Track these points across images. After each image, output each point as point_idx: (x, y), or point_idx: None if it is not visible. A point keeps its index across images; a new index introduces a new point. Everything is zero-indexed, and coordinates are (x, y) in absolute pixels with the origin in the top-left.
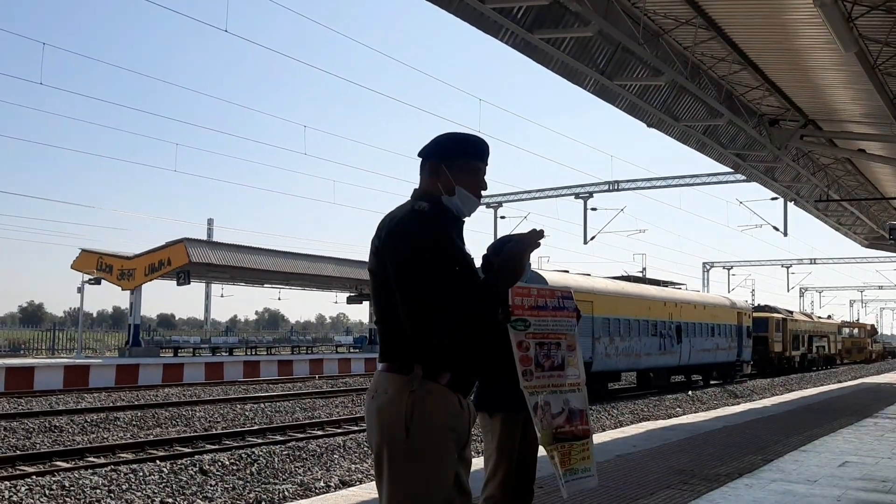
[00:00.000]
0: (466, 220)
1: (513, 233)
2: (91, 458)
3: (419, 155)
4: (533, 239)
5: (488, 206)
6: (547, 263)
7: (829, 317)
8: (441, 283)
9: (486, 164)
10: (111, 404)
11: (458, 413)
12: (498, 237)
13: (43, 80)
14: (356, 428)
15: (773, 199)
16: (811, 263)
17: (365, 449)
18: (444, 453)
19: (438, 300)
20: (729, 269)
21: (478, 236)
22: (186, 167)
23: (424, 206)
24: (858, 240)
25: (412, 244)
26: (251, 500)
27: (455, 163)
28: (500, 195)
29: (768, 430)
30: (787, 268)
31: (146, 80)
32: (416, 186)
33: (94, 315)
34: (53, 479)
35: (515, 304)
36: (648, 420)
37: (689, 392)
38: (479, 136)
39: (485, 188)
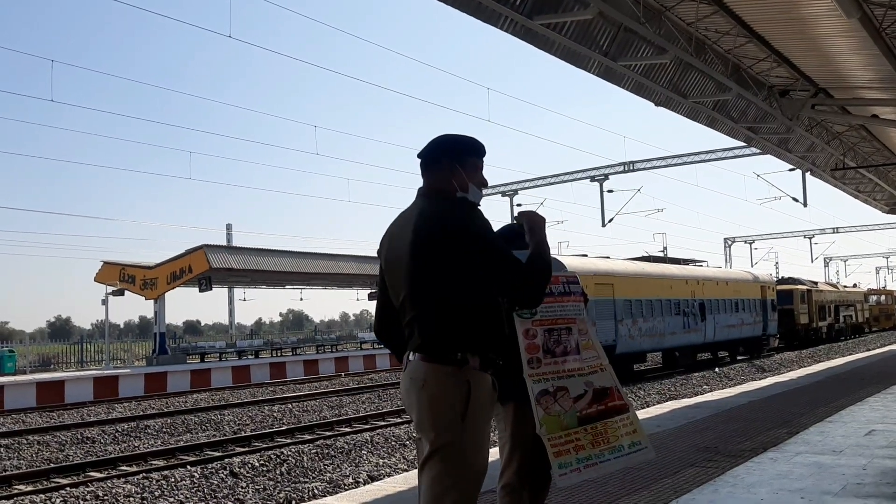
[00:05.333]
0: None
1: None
2: (123, 467)
3: (421, 155)
4: (539, 218)
5: (504, 194)
6: (566, 248)
7: (855, 285)
8: (506, 259)
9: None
10: (141, 413)
11: (492, 394)
12: (503, 225)
13: (54, 97)
14: (383, 423)
15: (791, 170)
16: (834, 233)
17: (392, 443)
18: (486, 434)
19: (507, 273)
20: (751, 244)
21: (495, 225)
22: (201, 174)
23: (464, 201)
24: (879, 206)
25: (469, 234)
26: (281, 500)
27: (467, 162)
28: (514, 183)
29: (794, 402)
30: (810, 238)
31: (155, 91)
32: (423, 185)
33: (121, 325)
34: (87, 489)
35: None
36: (675, 399)
37: (716, 369)
38: (472, 136)
39: (486, 184)
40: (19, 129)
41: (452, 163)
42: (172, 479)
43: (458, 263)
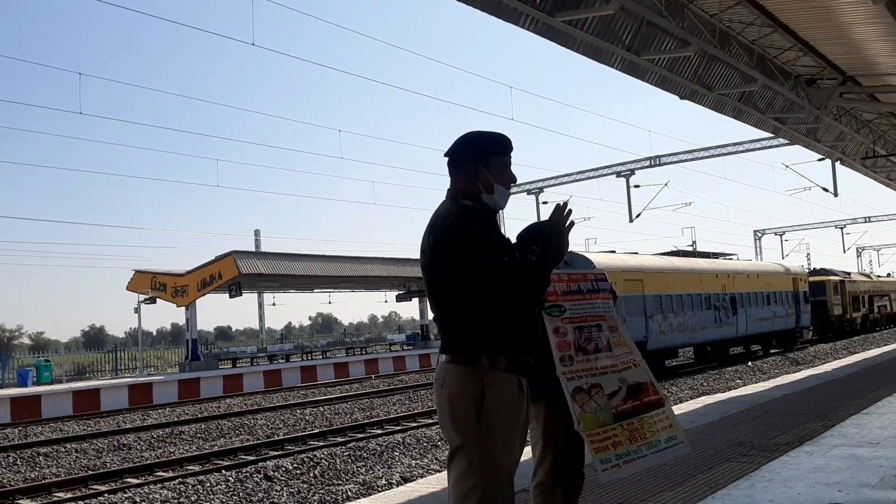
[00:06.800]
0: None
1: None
2: (160, 473)
3: (447, 155)
4: (560, 218)
5: (529, 192)
6: (594, 245)
7: (889, 275)
8: (496, 270)
9: (511, 155)
10: (176, 419)
11: (518, 395)
12: (528, 224)
13: (82, 110)
14: (414, 424)
15: (820, 160)
16: (866, 222)
17: (424, 444)
18: (510, 434)
19: (494, 286)
20: (781, 235)
21: (521, 224)
22: (229, 181)
23: (469, 204)
24: None
25: (467, 238)
26: (315, 503)
27: (491, 161)
28: (540, 181)
29: (829, 395)
30: (841, 228)
31: (181, 101)
32: (449, 186)
33: (154, 333)
34: (125, 495)
35: (548, 290)
36: (708, 394)
37: (749, 363)
38: (498, 132)
39: (514, 180)
40: (50, 142)
41: (476, 164)
42: (208, 484)
43: (464, 266)
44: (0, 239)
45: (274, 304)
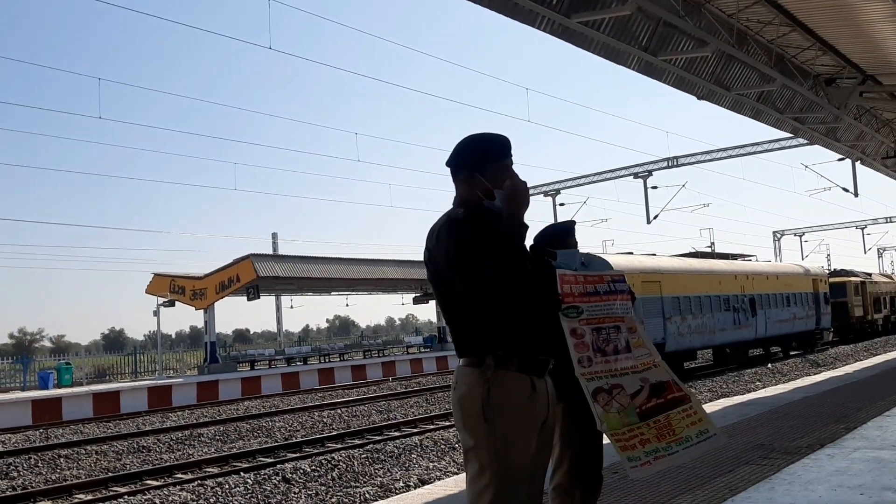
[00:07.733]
0: None
1: (565, 220)
2: (179, 475)
3: (448, 165)
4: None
5: (546, 194)
6: (612, 246)
7: None
8: (493, 273)
9: (512, 156)
10: (195, 421)
11: (530, 394)
12: (546, 225)
13: (102, 115)
14: (432, 427)
15: (840, 160)
16: (887, 222)
17: (442, 446)
18: (522, 434)
19: (494, 288)
20: (801, 236)
21: (538, 225)
22: (246, 185)
23: (459, 212)
24: None
25: (456, 248)
26: None
27: (487, 168)
28: (556, 182)
29: (851, 397)
30: (862, 229)
31: (200, 105)
32: (455, 195)
33: (173, 336)
34: (145, 497)
35: (565, 292)
36: (727, 396)
37: (769, 365)
38: (496, 133)
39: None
40: (69, 147)
41: (472, 173)
42: (226, 486)
43: (461, 273)
44: (21, 243)
45: (291, 307)
